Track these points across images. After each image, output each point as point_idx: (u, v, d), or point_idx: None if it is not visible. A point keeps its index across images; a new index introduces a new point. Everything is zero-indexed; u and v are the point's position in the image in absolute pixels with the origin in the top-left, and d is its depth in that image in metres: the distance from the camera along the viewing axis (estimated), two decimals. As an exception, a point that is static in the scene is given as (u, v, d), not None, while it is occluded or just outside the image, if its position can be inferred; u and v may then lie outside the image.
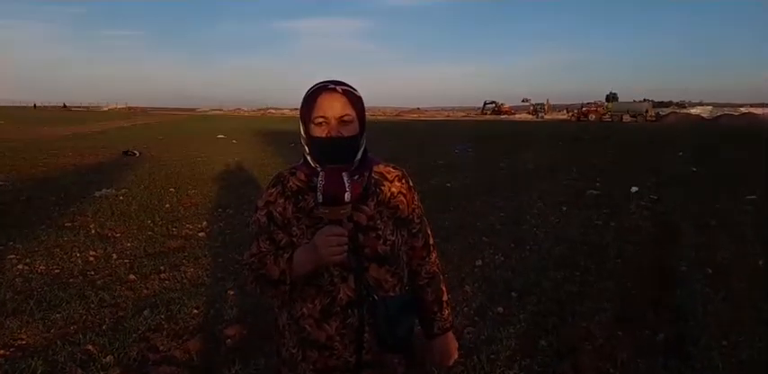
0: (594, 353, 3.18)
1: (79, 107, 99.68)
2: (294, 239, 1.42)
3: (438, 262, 1.63)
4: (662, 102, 59.16)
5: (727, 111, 54.31)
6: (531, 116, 62.37)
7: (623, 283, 4.36)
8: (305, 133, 1.41)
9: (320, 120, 1.36)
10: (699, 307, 3.80)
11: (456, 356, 1.64)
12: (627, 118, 48.07)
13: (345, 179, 1.26)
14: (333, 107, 1.36)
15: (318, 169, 1.34)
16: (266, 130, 28.21)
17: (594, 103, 53.91)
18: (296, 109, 1.43)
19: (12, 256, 4.94)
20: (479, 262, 4.92)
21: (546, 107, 66.98)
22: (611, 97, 55.86)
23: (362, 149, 1.43)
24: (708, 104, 66.15)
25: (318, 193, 1.27)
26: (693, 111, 54.53)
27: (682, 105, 61.07)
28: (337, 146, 1.36)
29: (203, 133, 25.67)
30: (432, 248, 1.61)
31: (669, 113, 50.06)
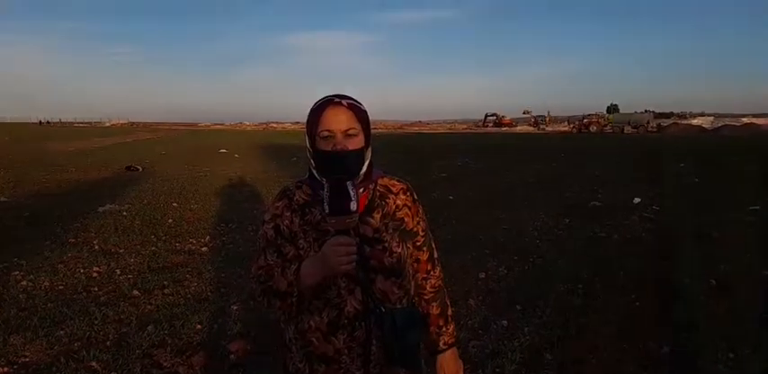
0: (600, 366, 3.16)
1: (82, 123, 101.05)
2: (301, 252, 1.43)
3: (442, 276, 1.64)
4: (663, 113, 59.13)
5: (728, 121, 54.37)
6: (532, 128, 62.47)
7: (627, 296, 4.34)
8: (311, 147, 1.43)
9: (326, 133, 1.38)
10: (703, 320, 3.78)
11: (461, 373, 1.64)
12: (628, 129, 48.09)
13: (351, 188, 1.28)
14: (338, 121, 1.38)
15: (324, 182, 1.36)
16: (268, 145, 28.32)
17: (596, 115, 53.96)
18: (297, 123, 1.45)
19: (16, 273, 4.95)
20: (483, 275, 4.91)
21: (547, 119, 67.10)
22: (613, 108, 55.92)
23: (368, 162, 1.45)
24: (709, 115, 66.23)
25: (325, 204, 1.29)
26: (695, 121, 54.54)
27: (683, 116, 61.09)
28: (343, 159, 1.37)
29: (205, 148, 25.77)
30: (436, 262, 1.61)
31: (670, 124, 50.10)
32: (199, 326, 3.77)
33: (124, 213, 7.95)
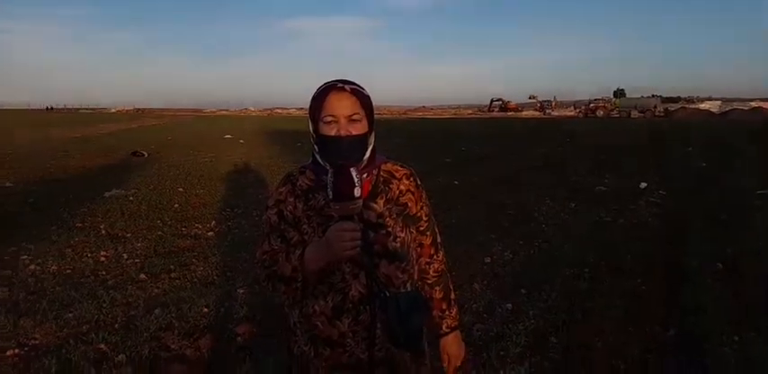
0: (605, 350, 3.17)
1: (87, 109, 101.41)
2: (305, 237, 1.43)
3: (445, 260, 1.64)
4: (670, 97, 58.54)
5: (736, 105, 53.79)
6: (538, 113, 62.06)
7: (633, 280, 4.34)
8: (314, 132, 1.42)
9: (329, 118, 1.37)
10: (709, 303, 3.78)
11: (463, 356, 1.65)
12: (635, 114, 47.72)
13: (355, 174, 1.27)
14: (342, 106, 1.37)
15: (328, 167, 1.35)
16: (273, 130, 28.27)
17: (602, 99, 53.53)
18: (302, 108, 1.44)
19: (24, 257, 4.99)
20: (488, 260, 4.92)
21: (553, 103, 66.60)
22: (619, 93, 55.38)
23: (371, 148, 1.44)
24: (717, 99, 65.51)
25: (329, 189, 1.28)
26: (702, 106, 54.01)
27: (690, 100, 60.50)
28: (346, 144, 1.37)
29: (211, 133, 25.75)
30: (439, 246, 1.62)
31: (678, 109, 49.65)
32: (205, 310, 3.80)
33: (130, 198, 7.98)
